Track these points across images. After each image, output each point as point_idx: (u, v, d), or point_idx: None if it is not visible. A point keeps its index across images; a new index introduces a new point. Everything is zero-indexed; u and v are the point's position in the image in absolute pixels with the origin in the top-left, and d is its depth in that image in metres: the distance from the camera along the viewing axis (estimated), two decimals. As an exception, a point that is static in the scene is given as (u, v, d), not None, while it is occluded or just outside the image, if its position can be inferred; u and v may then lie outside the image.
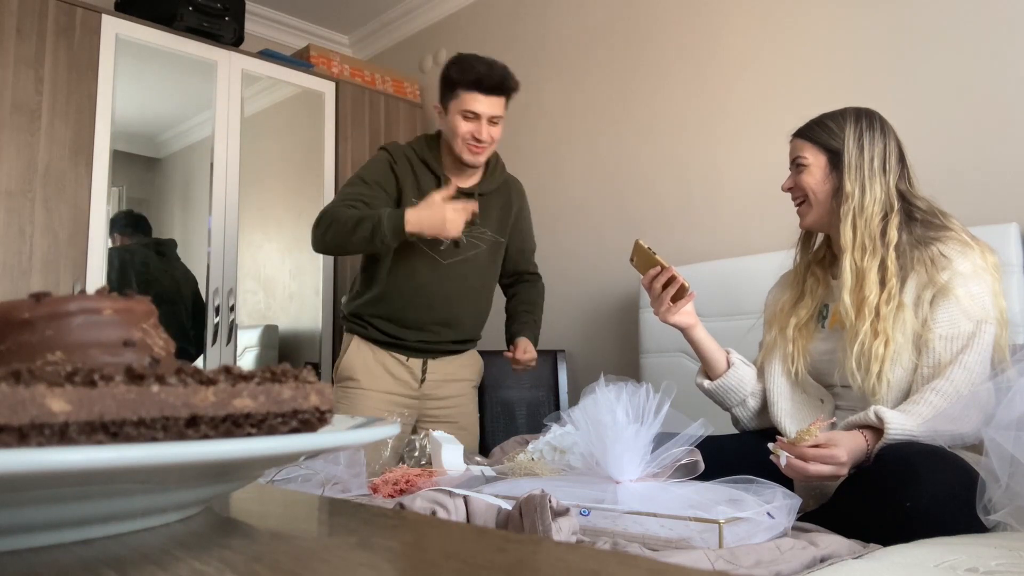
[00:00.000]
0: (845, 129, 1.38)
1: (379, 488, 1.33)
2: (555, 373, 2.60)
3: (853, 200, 1.34)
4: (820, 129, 1.42)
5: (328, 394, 0.40)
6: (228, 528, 0.39)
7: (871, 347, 1.29)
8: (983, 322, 1.25)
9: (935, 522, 0.99)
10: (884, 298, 1.29)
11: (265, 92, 3.08)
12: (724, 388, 1.54)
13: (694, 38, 2.48)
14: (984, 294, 1.27)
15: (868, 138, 1.37)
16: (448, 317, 2.00)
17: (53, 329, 0.38)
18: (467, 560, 0.32)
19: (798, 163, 1.44)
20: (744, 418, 1.55)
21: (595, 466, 1.16)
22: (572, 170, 2.82)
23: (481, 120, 1.86)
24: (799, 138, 1.46)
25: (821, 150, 1.41)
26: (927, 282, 1.29)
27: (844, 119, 1.40)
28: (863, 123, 1.39)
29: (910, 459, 1.07)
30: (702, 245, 2.39)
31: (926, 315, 1.28)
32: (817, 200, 1.42)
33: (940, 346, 1.26)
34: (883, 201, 1.34)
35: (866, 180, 1.35)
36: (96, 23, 2.54)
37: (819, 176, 1.41)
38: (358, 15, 3.64)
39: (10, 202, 2.32)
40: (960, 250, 1.29)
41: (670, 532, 0.95)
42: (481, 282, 2.04)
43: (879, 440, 1.17)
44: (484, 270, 2.03)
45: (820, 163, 1.41)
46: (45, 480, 0.28)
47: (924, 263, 1.30)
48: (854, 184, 1.35)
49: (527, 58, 3.02)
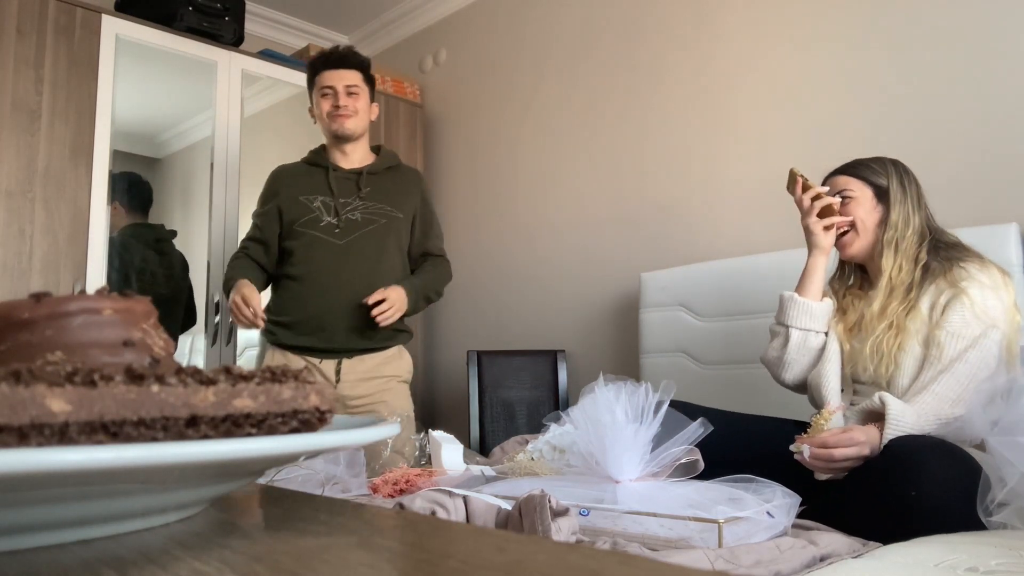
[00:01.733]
0: (887, 168, 1.53)
1: (379, 488, 1.33)
2: (555, 373, 2.60)
3: (898, 230, 1.48)
4: (863, 167, 1.55)
5: (328, 394, 0.40)
6: (228, 528, 0.39)
7: (884, 338, 1.40)
8: (991, 327, 1.32)
9: (939, 511, 1.01)
10: (905, 306, 1.41)
11: (265, 92, 3.07)
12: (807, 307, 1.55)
13: (694, 38, 2.48)
14: (996, 306, 1.35)
15: (907, 180, 1.53)
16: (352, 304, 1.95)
17: (53, 329, 0.38)
18: (467, 560, 0.32)
19: (845, 195, 1.54)
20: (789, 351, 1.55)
21: (595, 466, 1.16)
22: (572, 170, 2.82)
23: (337, 92, 2.02)
24: (843, 175, 1.56)
25: (867, 184, 1.53)
26: (944, 288, 1.39)
27: (884, 161, 1.55)
28: (901, 168, 1.54)
29: (916, 450, 1.11)
30: (702, 245, 2.39)
31: (939, 317, 1.37)
32: (865, 228, 1.52)
33: (946, 340, 1.33)
34: (920, 231, 1.48)
35: (909, 213, 1.49)
36: (96, 23, 2.54)
37: (867, 207, 1.52)
38: (358, 15, 3.64)
39: (10, 202, 2.31)
40: (979, 266, 1.40)
41: (670, 532, 0.95)
42: (383, 261, 2.03)
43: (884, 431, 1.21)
44: (385, 248, 2.03)
45: (867, 195, 1.52)
46: (45, 480, 0.28)
47: (944, 274, 1.41)
48: (899, 215, 1.49)
49: (527, 58, 3.02)
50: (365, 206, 2.03)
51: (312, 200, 2.03)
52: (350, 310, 1.97)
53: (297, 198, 2.03)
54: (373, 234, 2.02)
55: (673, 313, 2.27)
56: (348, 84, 2.03)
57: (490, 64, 3.16)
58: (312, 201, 2.03)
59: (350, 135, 2.05)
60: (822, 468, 1.22)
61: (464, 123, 3.26)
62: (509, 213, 3.04)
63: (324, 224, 2.00)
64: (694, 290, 2.22)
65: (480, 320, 3.12)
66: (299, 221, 2.01)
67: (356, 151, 2.10)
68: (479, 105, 3.19)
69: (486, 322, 3.09)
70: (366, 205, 2.04)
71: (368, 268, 2.00)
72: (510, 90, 3.08)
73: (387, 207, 2.06)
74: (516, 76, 3.06)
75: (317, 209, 2.02)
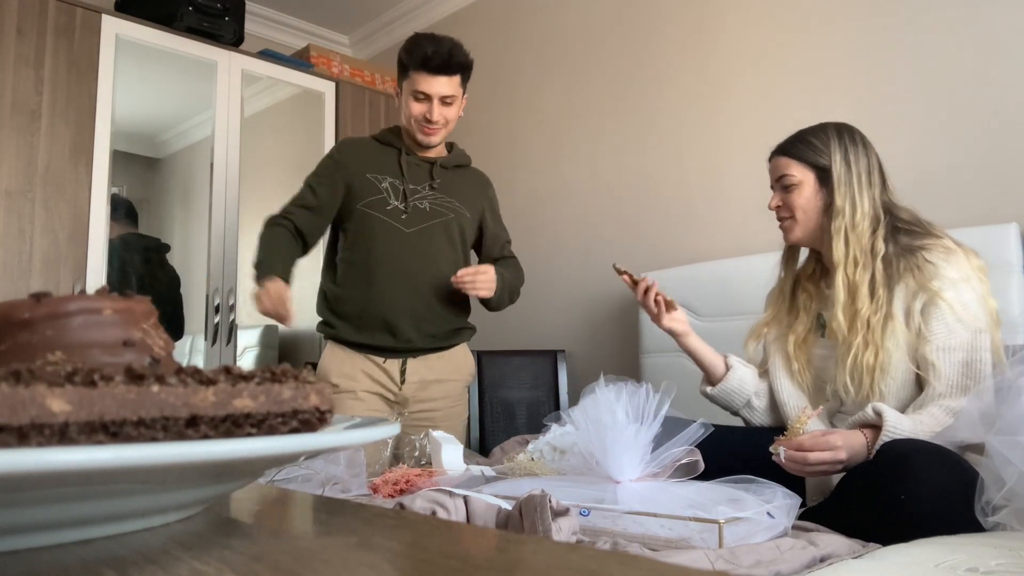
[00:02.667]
0: (830, 145, 1.39)
1: (379, 488, 1.33)
2: (555, 373, 2.60)
3: (845, 216, 1.35)
4: (805, 146, 1.42)
5: (328, 394, 0.40)
6: (228, 528, 0.39)
7: (863, 360, 1.30)
8: (979, 331, 1.26)
9: (932, 519, 0.99)
10: (872, 309, 1.30)
11: (265, 92, 3.08)
12: (727, 391, 1.55)
13: (694, 38, 2.48)
14: (973, 300, 1.27)
15: (853, 153, 1.38)
16: (416, 296, 1.86)
17: (53, 329, 0.38)
18: (467, 560, 0.32)
19: (785, 182, 1.44)
20: (753, 419, 1.56)
21: (595, 466, 1.16)
22: (572, 170, 2.82)
23: (432, 100, 1.82)
24: (783, 156, 1.45)
25: (808, 167, 1.41)
26: (915, 290, 1.30)
27: (827, 135, 1.40)
28: (846, 138, 1.39)
29: (909, 456, 1.08)
30: (702, 245, 2.39)
31: (919, 325, 1.29)
32: (807, 217, 1.42)
33: (941, 359, 1.26)
34: (871, 215, 1.35)
35: (856, 195, 1.36)
36: (96, 23, 2.54)
37: (808, 193, 1.41)
38: (358, 15, 3.64)
39: (10, 202, 2.32)
40: (944, 256, 1.30)
41: (670, 532, 0.95)
42: (449, 256, 1.91)
43: (878, 437, 1.19)
44: (452, 242, 1.92)
45: (809, 180, 1.41)
46: (45, 480, 0.28)
47: (911, 271, 1.30)
48: (844, 200, 1.36)
49: (527, 59, 3.02)
50: (435, 197, 1.90)
51: (381, 180, 1.88)
52: (415, 303, 1.86)
53: (365, 175, 1.88)
54: (441, 227, 1.89)
55: (673, 313, 2.27)
56: (445, 95, 1.83)
57: (490, 64, 3.15)
58: (380, 181, 1.88)
59: (434, 147, 1.92)
60: (796, 471, 1.18)
61: (463, 123, 3.26)
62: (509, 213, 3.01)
63: (391, 208, 1.86)
64: (694, 290, 2.22)
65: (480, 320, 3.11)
66: (364, 200, 1.86)
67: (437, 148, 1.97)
68: (479, 105, 3.19)
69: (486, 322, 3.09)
70: (436, 196, 1.90)
71: (433, 261, 1.87)
72: (510, 90, 3.08)
73: (456, 202, 1.93)
74: (516, 76, 3.06)
75: (385, 191, 1.87)
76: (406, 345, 1.87)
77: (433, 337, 1.91)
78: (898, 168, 1.96)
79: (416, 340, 1.88)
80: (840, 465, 1.18)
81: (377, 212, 1.86)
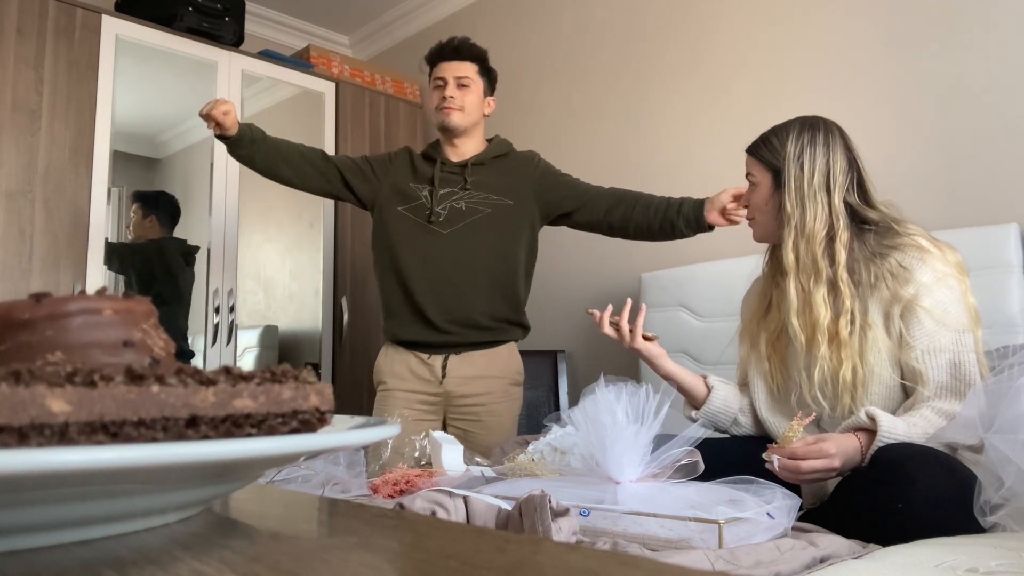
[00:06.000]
0: (786, 146, 1.33)
1: (379, 488, 1.33)
2: (555, 373, 2.60)
3: (794, 220, 1.30)
4: (764, 146, 1.38)
5: (328, 394, 0.40)
6: (228, 528, 0.39)
7: (837, 374, 1.26)
8: (961, 332, 1.23)
9: (928, 524, 0.98)
10: (843, 323, 1.26)
11: (265, 92, 3.08)
12: (712, 413, 1.51)
13: (693, 37, 2.48)
14: (952, 301, 1.24)
15: (809, 154, 1.31)
16: (457, 296, 1.94)
17: (53, 329, 0.38)
18: (467, 560, 0.32)
19: (750, 180, 1.43)
20: (741, 435, 1.54)
21: (595, 467, 1.16)
22: (572, 169, 2.82)
23: (448, 83, 1.99)
24: (748, 154, 1.43)
25: (766, 168, 1.38)
26: (891, 298, 1.26)
27: (787, 134, 1.35)
28: (805, 137, 1.33)
29: (904, 461, 1.06)
30: (702, 245, 2.39)
31: (900, 332, 1.26)
32: (765, 219, 1.40)
33: (927, 363, 1.23)
34: (825, 219, 1.29)
35: (807, 199, 1.30)
36: (96, 23, 2.54)
37: (764, 195, 1.38)
38: (358, 15, 3.64)
39: (10, 202, 2.31)
40: (919, 257, 1.25)
41: (670, 532, 0.95)
42: (495, 252, 1.97)
43: (873, 442, 1.17)
44: (496, 238, 1.97)
45: (767, 181, 1.38)
46: (45, 480, 0.28)
47: (884, 278, 1.26)
48: (794, 205, 1.30)
49: (527, 58, 3.02)
50: (469, 196, 1.99)
51: (420, 189, 2.01)
52: (455, 301, 1.94)
53: (409, 183, 2.02)
54: (478, 224, 1.97)
55: (673, 313, 2.27)
56: (459, 76, 1.99)
57: (490, 64, 3.15)
58: (420, 190, 2.01)
59: (455, 128, 2.01)
60: (790, 479, 1.17)
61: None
62: (509, 213, 3.03)
63: (428, 213, 1.97)
64: (694, 290, 2.22)
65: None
66: (403, 206, 2.00)
67: (466, 144, 2.05)
68: (479, 105, 3.19)
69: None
70: (470, 195, 1.99)
71: (475, 257, 1.95)
72: (509, 91, 3.08)
73: (492, 196, 2.00)
74: (515, 76, 3.06)
75: (424, 198, 1.99)
76: (444, 340, 1.95)
77: (478, 330, 1.96)
78: (898, 168, 1.96)
79: (456, 336, 1.95)
80: (834, 472, 1.16)
81: (415, 216, 1.99)
